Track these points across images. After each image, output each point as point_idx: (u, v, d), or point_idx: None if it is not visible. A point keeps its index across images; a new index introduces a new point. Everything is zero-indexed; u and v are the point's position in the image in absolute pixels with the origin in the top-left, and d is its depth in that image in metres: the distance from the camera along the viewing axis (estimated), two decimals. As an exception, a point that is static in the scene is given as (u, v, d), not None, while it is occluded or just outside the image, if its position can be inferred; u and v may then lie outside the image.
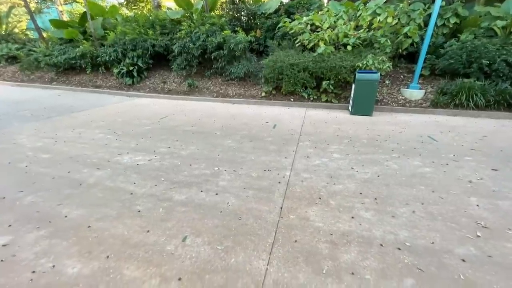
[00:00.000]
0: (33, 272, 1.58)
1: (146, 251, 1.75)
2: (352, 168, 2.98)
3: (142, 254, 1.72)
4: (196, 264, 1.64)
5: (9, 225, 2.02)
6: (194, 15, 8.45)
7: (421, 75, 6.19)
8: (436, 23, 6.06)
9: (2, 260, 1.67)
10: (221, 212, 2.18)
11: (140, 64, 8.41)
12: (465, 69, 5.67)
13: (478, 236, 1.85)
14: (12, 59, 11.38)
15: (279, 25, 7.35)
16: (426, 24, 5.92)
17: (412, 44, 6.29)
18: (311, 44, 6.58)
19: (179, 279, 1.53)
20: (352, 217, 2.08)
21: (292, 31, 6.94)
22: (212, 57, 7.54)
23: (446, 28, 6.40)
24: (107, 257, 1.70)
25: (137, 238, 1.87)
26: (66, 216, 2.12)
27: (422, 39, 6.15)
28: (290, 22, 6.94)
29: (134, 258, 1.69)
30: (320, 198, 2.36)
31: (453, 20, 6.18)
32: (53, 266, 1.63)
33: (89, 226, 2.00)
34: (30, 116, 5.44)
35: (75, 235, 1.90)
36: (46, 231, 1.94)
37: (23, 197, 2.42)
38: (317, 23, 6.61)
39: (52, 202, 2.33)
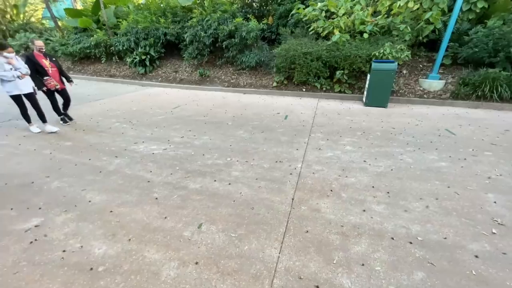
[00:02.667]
0: (64, 251, 1.73)
1: (164, 236, 1.85)
2: (364, 161, 2.96)
3: (161, 239, 1.83)
4: (212, 250, 1.73)
5: (39, 208, 2.19)
6: (205, 1, 8.30)
7: (441, 65, 5.89)
8: (461, 7, 5.66)
9: (36, 239, 1.83)
10: (234, 201, 2.25)
11: (152, 53, 8.46)
12: (490, 58, 5.33)
13: (494, 233, 1.83)
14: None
15: (293, 12, 7.11)
16: (450, 9, 5.55)
17: (433, 31, 5.95)
18: (326, 32, 6.35)
19: (196, 263, 1.63)
20: (364, 210, 2.10)
21: (306, 18, 6.70)
22: (224, 45, 7.45)
23: (473, 13, 5.98)
24: (129, 240, 1.82)
25: (156, 223, 1.98)
26: (90, 201, 2.27)
27: (445, 25, 5.79)
28: (304, 9, 6.70)
29: (153, 242, 1.80)
30: (331, 191, 2.38)
31: (480, 4, 5.74)
32: (81, 246, 1.76)
33: (111, 211, 2.13)
34: (49, 105, 5.66)
35: (99, 219, 2.04)
36: (73, 214, 2.09)
37: (50, 182, 2.59)
38: (333, 9, 6.34)
39: (77, 187, 2.48)
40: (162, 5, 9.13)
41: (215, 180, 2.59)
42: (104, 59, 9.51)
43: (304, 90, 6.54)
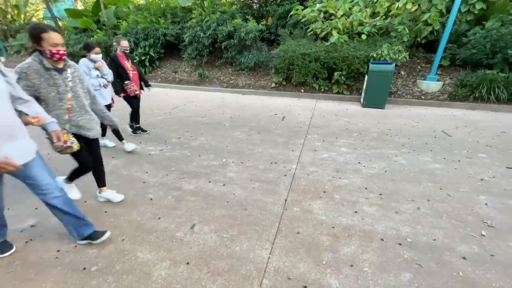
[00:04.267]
0: (58, 251, 1.76)
1: (157, 237, 1.88)
2: (359, 162, 2.97)
3: (154, 239, 1.85)
4: (203, 251, 1.75)
5: (36, 208, 2.22)
6: (205, 2, 8.34)
7: (439, 66, 5.90)
8: (459, 9, 5.67)
9: (31, 239, 1.86)
10: (227, 202, 2.28)
11: (152, 54, 8.50)
12: (488, 60, 5.34)
13: (483, 235, 1.85)
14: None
15: (291, 13, 7.13)
16: (449, 10, 5.55)
17: (432, 32, 5.96)
18: (324, 33, 6.38)
19: (187, 263, 1.65)
20: (356, 212, 2.12)
21: (304, 19, 6.72)
22: (223, 46, 7.49)
23: (471, 14, 5.98)
24: (123, 240, 1.85)
25: (150, 224, 2.01)
26: (85, 202, 2.30)
27: (443, 26, 5.80)
28: (302, 10, 6.72)
29: (146, 242, 1.83)
30: (324, 192, 2.41)
31: (479, 5, 5.74)
32: (75, 246, 1.79)
33: (106, 211, 2.16)
34: (50, 105, 5.71)
35: (94, 219, 2.05)
36: (68, 215, 2.11)
37: (47, 183, 2.61)
38: (331, 11, 6.36)
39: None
40: (162, 6, 9.17)
41: (209, 181, 2.62)
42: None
43: (302, 91, 6.56)
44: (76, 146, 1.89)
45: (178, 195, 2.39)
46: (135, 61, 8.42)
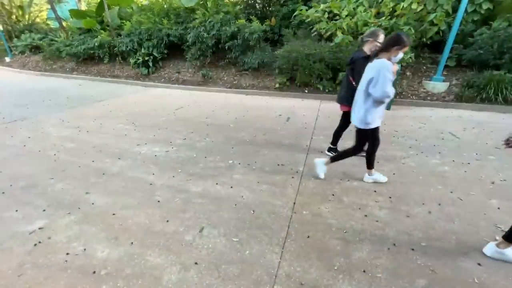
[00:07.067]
0: (67, 254, 1.75)
1: (166, 240, 1.87)
2: (367, 164, 2.94)
3: (163, 242, 1.84)
4: (213, 255, 1.73)
5: (43, 210, 2.21)
6: (208, 2, 8.32)
7: (445, 66, 5.83)
8: (466, 9, 5.60)
9: (40, 242, 1.85)
10: (236, 205, 2.26)
11: (155, 54, 8.50)
12: (495, 60, 5.28)
13: (497, 240, 1.81)
14: (35, 49, 11.84)
15: (295, 13, 7.09)
16: (455, 10, 5.49)
17: (437, 33, 5.89)
18: (328, 33, 6.34)
19: (197, 267, 1.63)
20: (366, 215, 2.09)
21: (308, 19, 6.69)
22: (226, 47, 7.47)
23: (477, 14, 5.91)
24: (132, 243, 1.83)
25: (158, 227, 1.99)
26: (93, 204, 2.29)
27: (449, 26, 5.73)
28: (306, 10, 6.68)
29: (155, 245, 1.82)
30: (333, 195, 2.38)
31: (486, 5, 5.68)
32: (84, 249, 1.78)
33: (114, 214, 2.15)
34: (54, 105, 5.73)
35: (102, 221, 2.06)
36: (77, 217, 2.11)
37: (54, 184, 2.62)
38: (335, 11, 6.32)
39: (80, 190, 2.50)
40: (165, 6, 9.17)
41: (217, 183, 2.60)
42: (107, 59, 9.57)
43: (306, 91, 6.53)
44: None
45: (186, 197, 2.37)
46: (138, 61, 8.55)
